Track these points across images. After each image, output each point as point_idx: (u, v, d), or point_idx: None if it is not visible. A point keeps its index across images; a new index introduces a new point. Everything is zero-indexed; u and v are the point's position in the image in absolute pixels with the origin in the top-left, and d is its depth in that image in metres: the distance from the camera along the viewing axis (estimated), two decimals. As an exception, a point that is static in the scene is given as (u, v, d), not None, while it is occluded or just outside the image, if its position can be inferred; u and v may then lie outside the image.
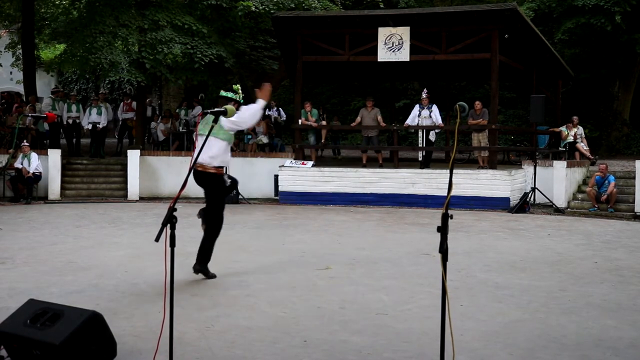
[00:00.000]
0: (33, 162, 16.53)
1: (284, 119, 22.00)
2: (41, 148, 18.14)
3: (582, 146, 18.38)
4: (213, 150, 7.42)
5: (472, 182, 15.61)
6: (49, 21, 25.98)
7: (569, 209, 15.58)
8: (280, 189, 16.77)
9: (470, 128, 17.01)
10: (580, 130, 18.78)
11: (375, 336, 5.63)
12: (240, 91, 7.84)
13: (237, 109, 7.36)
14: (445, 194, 4.16)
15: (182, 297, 6.49)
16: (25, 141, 17.16)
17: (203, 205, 8.07)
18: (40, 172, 16.75)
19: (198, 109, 20.33)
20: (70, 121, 19.35)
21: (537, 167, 16.06)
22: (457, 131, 4.75)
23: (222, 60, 18.75)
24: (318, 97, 28.60)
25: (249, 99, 24.59)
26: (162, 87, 28.83)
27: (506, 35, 16.00)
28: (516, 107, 26.70)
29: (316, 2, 19.52)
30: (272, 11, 18.48)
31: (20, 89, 26.21)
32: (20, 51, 24.49)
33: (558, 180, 15.89)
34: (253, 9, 18.68)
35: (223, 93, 7.83)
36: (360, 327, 5.91)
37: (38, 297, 5.41)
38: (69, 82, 34.23)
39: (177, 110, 21.67)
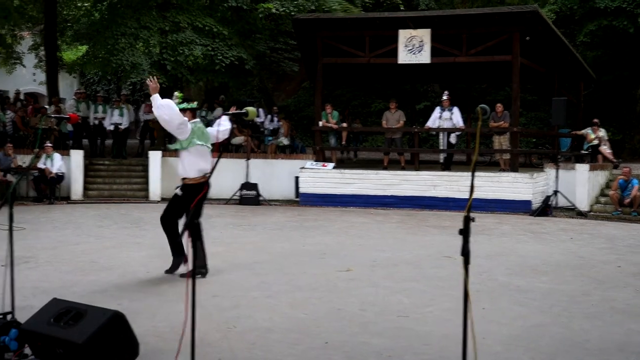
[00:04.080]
0: (56, 163, 16.68)
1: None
2: (64, 149, 18.29)
3: (605, 149, 18.22)
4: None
5: (493, 184, 15.53)
6: (71, 23, 26.20)
7: (591, 213, 15.47)
8: (300, 190, 16.78)
9: (492, 130, 16.93)
10: (603, 132, 18.61)
11: (396, 338, 5.62)
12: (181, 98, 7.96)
13: (194, 116, 7.94)
14: (467, 197, 4.14)
15: (203, 298, 6.49)
16: (48, 142, 17.31)
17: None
18: (63, 173, 16.89)
19: (218, 111, 20.37)
20: (97, 122, 19.49)
21: (559, 170, 15.95)
22: (479, 134, 4.73)
23: (242, 62, 18.81)
24: (338, 99, 28.57)
25: (269, 101, 24.56)
26: (183, 88, 28.95)
27: (527, 38, 15.91)
28: (538, 110, 26.53)
29: (336, 4, 19.52)
30: (292, 13, 18.51)
31: (43, 90, 26.45)
32: (43, 53, 24.73)
33: (580, 183, 15.78)
34: (273, 11, 18.73)
35: (190, 105, 7.91)
36: (380, 329, 5.90)
37: (61, 296, 5.45)
38: (91, 83, 34.48)
39: (198, 112, 21.69)
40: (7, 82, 29.25)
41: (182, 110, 7.73)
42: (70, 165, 17.20)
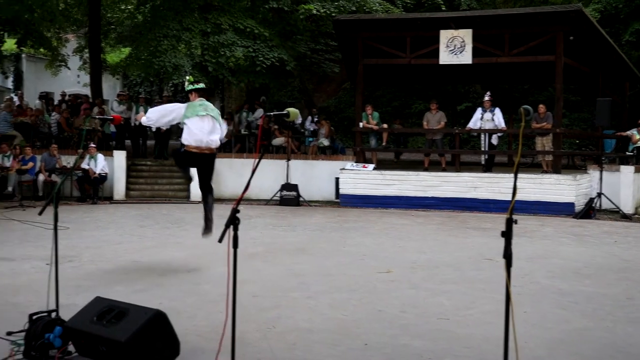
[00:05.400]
0: (99, 163, 16.94)
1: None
2: (107, 149, 18.55)
3: (651, 150, 17.89)
4: (217, 132, 8.32)
5: (535, 186, 15.34)
6: (115, 25, 26.60)
7: (636, 215, 15.20)
8: (341, 191, 16.77)
9: (534, 132, 16.73)
10: (649, 133, 18.27)
11: (436, 341, 5.58)
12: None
13: (199, 96, 8.35)
14: (508, 199, 4.10)
15: (243, 298, 6.51)
16: (91, 143, 17.58)
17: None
18: (106, 173, 17.15)
19: (259, 112, 20.49)
20: (138, 122, 19.72)
21: (603, 172, 15.69)
22: (522, 135, 4.66)
23: (283, 63, 18.87)
24: (379, 100, 28.53)
25: (310, 102, 24.60)
26: (224, 89, 29.16)
27: (571, 37, 15.70)
28: (581, 111, 26.17)
29: (377, 4, 19.48)
30: (333, 14, 18.52)
31: (87, 91, 26.87)
32: (87, 55, 25.12)
33: (625, 185, 15.52)
34: (314, 12, 18.75)
35: (195, 86, 8.39)
36: (421, 331, 5.86)
37: (104, 295, 5.51)
38: (133, 85, 34.92)
39: (239, 113, 21.79)
40: (52, 84, 29.81)
41: (188, 92, 8.40)
42: (113, 165, 17.45)
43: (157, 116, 8.25)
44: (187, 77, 8.68)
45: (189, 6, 18.51)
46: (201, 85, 8.60)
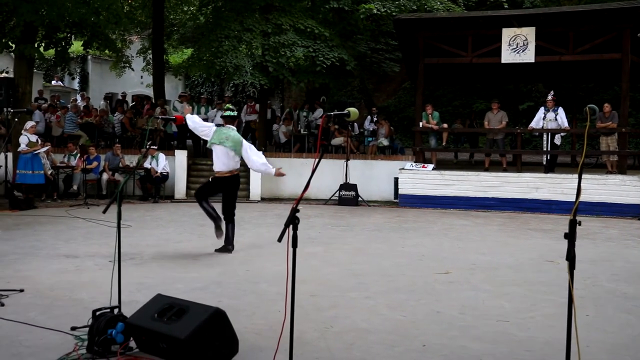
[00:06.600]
0: (161, 163, 17.21)
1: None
2: (169, 149, 18.83)
3: None
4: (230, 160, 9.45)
5: (599, 187, 15.00)
6: (178, 27, 27.00)
7: None
8: (400, 191, 16.69)
9: (599, 131, 16.37)
10: None
11: (496, 343, 5.51)
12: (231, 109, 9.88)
13: (227, 123, 9.50)
14: (570, 200, 4.02)
15: (301, 297, 6.53)
16: (150, 143, 17.84)
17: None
18: (168, 172, 17.41)
19: (319, 112, 20.54)
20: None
21: (671, 173, 15.26)
22: (587, 134, 4.57)
23: (343, 63, 18.86)
24: (439, 99, 28.30)
25: (370, 101, 24.54)
26: (285, 89, 29.31)
27: (639, 34, 15.30)
28: (648, 110, 25.48)
29: (438, 3, 19.32)
30: (393, 13, 18.44)
31: (150, 92, 27.35)
32: (151, 56, 25.55)
33: (694, 186, 15.05)
34: (375, 11, 18.70)
35: (228, 113, 9.65)
36: (480, 333, 5.79)
37: (164, 292, 5.60)
38: (195, 85, 35.40)
39: (297, 111, 21.84)
40: (116, 85, 30.47)
41: (222, 117, 9.73)
42: (174, 165, 17.71)
43: (196, 124, 9.50)
44: (228, 105, 9.99)
45: (250, 7, 18.65)
46: (227, 113, 9.64)
